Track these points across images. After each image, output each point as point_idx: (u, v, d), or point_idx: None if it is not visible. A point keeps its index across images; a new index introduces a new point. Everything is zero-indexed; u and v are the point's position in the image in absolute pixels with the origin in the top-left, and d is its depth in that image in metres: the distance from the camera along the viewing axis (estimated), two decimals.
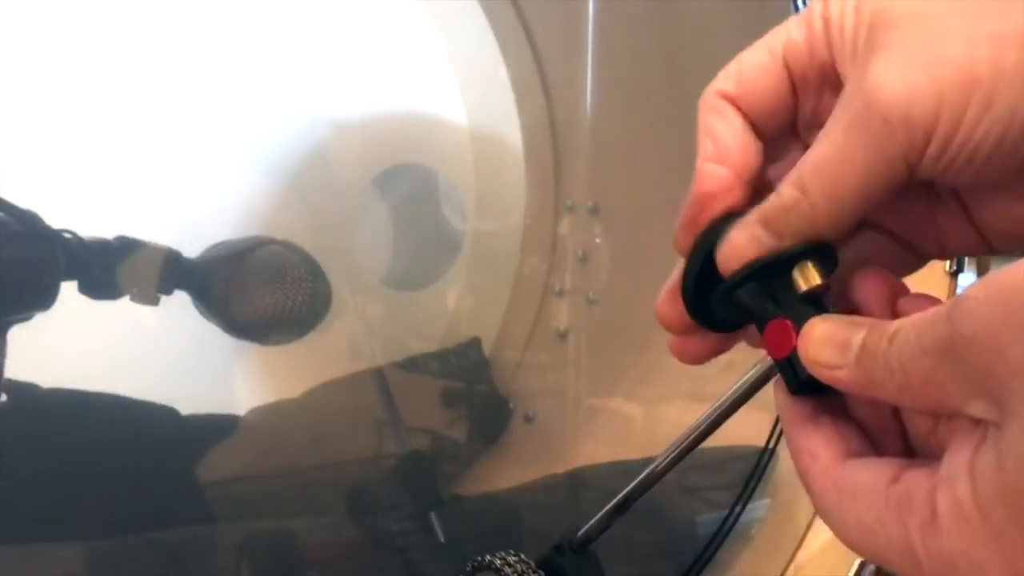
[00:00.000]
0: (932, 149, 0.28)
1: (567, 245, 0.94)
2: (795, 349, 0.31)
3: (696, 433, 0.48)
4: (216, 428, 0.72)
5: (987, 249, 0.33)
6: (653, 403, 0.93)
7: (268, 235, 0.72)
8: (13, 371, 0.62)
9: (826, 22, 0.32)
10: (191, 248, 0.69)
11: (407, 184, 0.85)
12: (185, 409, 0.69)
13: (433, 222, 0.88)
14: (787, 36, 0.33)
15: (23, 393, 0.63)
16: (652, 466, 0.50)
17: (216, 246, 0.71)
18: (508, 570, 0.52)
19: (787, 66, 0.33)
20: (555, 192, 0.94)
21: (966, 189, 0.32)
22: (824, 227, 0.30)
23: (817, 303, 0.32)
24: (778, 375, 0.33)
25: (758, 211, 0.32)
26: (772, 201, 0.31)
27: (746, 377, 0.44)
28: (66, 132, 0.66)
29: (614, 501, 0.51)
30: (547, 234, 0.94)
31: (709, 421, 0.48)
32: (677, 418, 0.92)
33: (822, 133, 0.30)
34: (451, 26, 0.88)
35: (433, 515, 0.75)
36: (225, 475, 0.72)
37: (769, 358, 0.34)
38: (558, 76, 0.93)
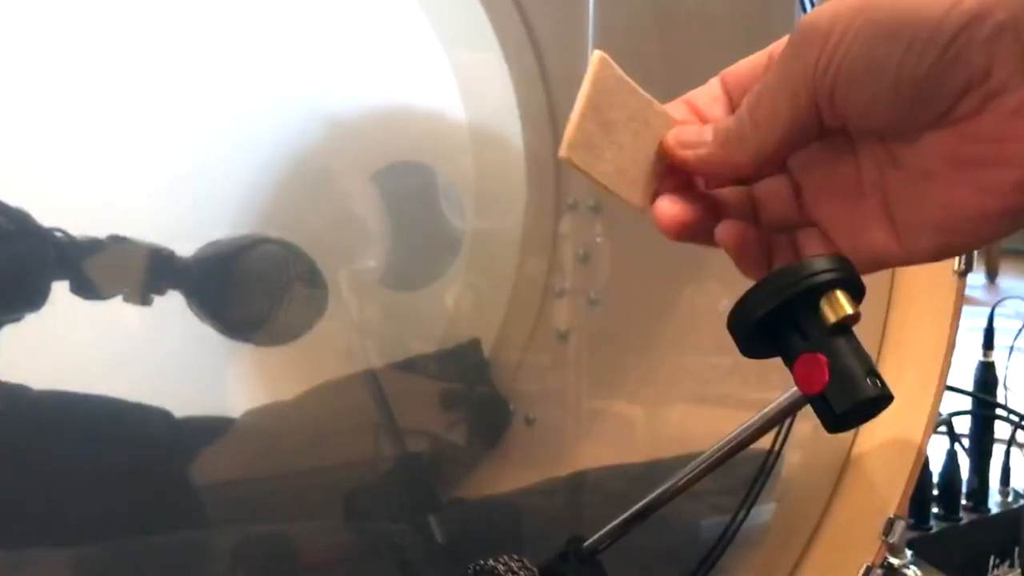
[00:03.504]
0: (822, 60, 0.31)
1: (568, 244, 0.93)
2: (828, 384, 0.30)
3: (718, 455, 0.48)
4: (210, 430, 0.72)
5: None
6: (656, 405, 0.92)
7: (263, 234, 0.72)
8: (4, 372, 0.61)
9: None
10: (185, 247, 0.68)
11: (405, 182, 0.84)
12: (179, 411, 0.69)
13: (432, 221, 0.87)
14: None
15: (14, 395, 0.62)
16: (672, 481, 0.50)
17: (210, 245, 0.70)
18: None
19: None
20: (556, 190, 0.93)
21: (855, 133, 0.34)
22: (750, 140, 0.33)
23: (847, 334, 0.31)
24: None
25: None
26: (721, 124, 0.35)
27: (775, 404, 0.44)
28: (57, 129, 0.66)
29: (628, 513, 0.51)
30: (548, 233, 0.93)
31: (731, 445, 0.48)
32: (680, 421, 0.91)
33: None
34: (451, 23, 0.88)
35: (432, 519, 0.75)
36: (219, 478, 0.71)
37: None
38: (559, 73, 0.92)
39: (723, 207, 0.36)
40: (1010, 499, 1.08)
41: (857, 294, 0.33)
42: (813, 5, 0.83)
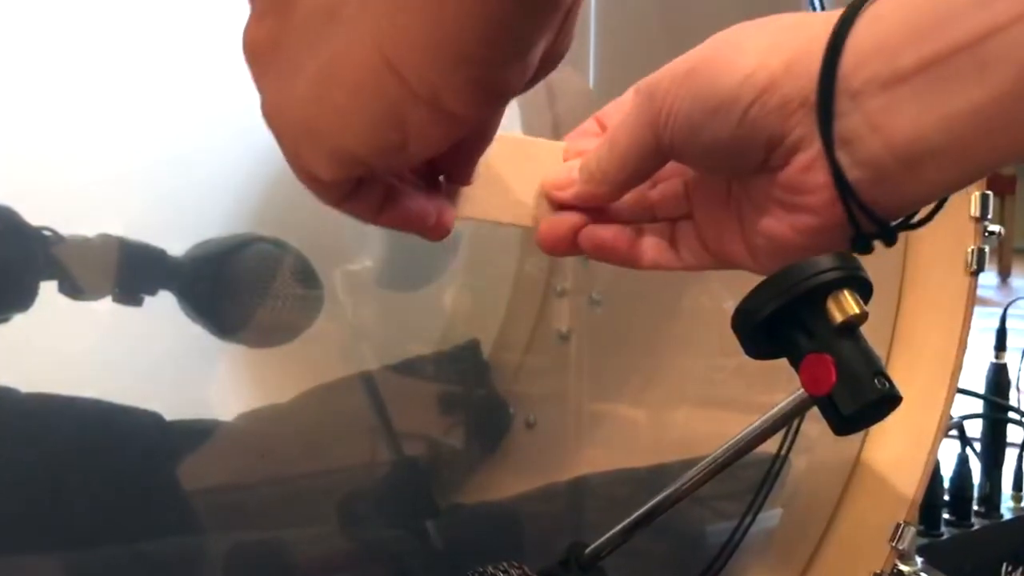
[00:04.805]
0: (661, 118, 0.37)
1: None
2: (835, 385, 0.30)
3: (723, 459, 0.49)
4: (202, 434, 0.71)
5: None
6: (659, 408, 0.92)
7: (257, 232, 0.71)
8: None
9: None
10: (176, 246, 0.68)
11: None
12: (170, 414, 0.68)
13: None
14: None
15: (2, 397, 0.62)
16: (675, 486, 0.51)
17: (202, 244, 0.69)
18: None
19: None
20: None
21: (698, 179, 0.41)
22: (610, 176, 0.39)
23: (855, 334, 0.31)
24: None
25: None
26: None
27: (781, 406, 0.44)
28: (45, 126, 0.65)
29: (631, 518, 0.51)
30: None
31: (737, 448, 0.49)
32: (684, 423, 0.91)
33: None
34: None
35: (430, 525, 0.75)
36: (211, 483, 0.71)
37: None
38: (559, 71, 0.92)
39: (618, 213, 0.42)
40: (1023, 504, 1.07)
41: (865, 293, 0.33)
42: (823, 7, 0.82)
